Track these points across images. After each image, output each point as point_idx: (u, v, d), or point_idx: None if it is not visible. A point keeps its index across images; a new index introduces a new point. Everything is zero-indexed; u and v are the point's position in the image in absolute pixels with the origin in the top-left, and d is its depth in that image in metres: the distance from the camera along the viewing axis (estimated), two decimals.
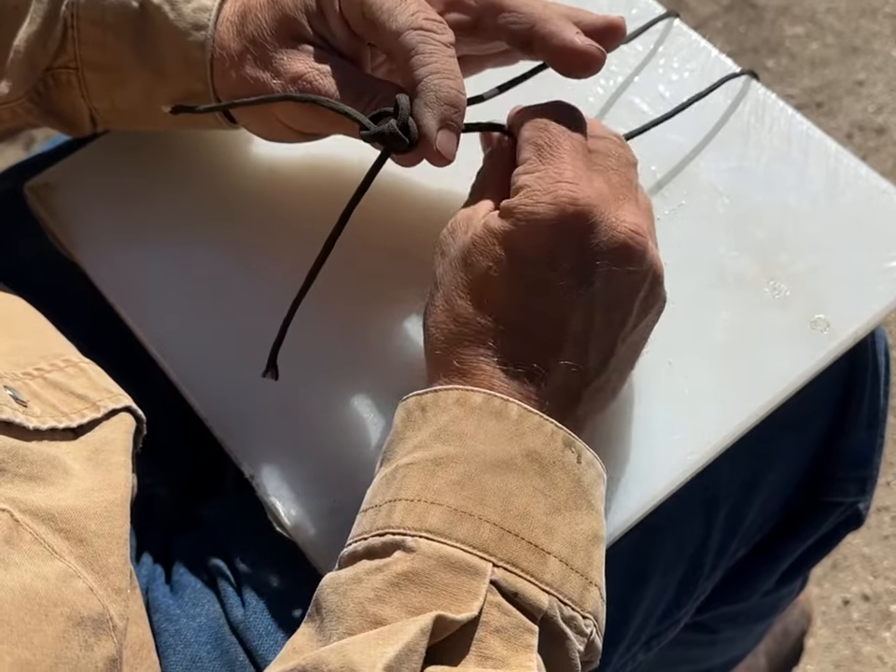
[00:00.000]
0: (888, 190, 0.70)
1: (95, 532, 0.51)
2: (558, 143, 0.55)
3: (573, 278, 0.52)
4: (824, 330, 0.65)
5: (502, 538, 0.48)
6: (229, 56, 0.62)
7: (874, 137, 1.75)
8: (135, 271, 0.71)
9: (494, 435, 0.50)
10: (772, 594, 0.90)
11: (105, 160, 0.74)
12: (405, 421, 0.53)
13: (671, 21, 0.78)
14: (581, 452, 0.52)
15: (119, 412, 0.59)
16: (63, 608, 0.46)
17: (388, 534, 0.49)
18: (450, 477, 0.49)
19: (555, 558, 0.49)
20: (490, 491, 0.49)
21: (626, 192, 0.55)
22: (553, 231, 0.52)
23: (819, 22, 1.87)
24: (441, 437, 0.51)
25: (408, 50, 0.55)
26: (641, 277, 0.54)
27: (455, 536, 0.48)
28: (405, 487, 0.50)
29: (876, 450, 0.78)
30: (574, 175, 0.53)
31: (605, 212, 0.53)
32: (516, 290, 0.53)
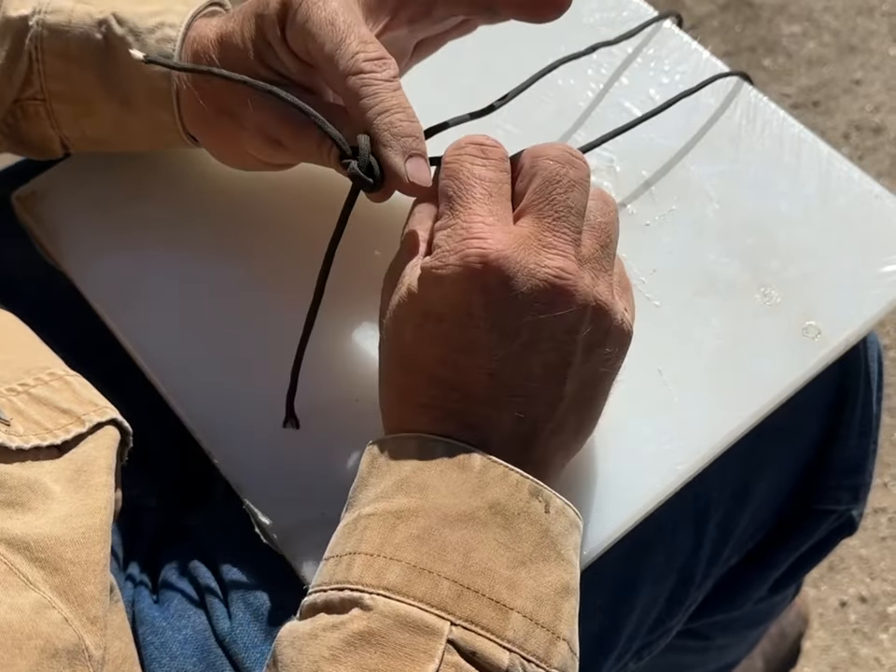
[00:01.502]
0: (880, 195, 0.69)
1: (71, 560, 0.50)
2: (468, 191, 0.52)
3: (496, 333, 0.50)
4: (816, 337, 0.65)
5: (461, 595, 0.47)
6: (191, 95, 0.62)
7: (871, 136, 1.75)
8: (122, 280, 0.70)
9: (456, 487, 0.49)
10: (765, 601, 0.90)
11: (93, 169, 0.73)
12: (369, 467, 0.53)
13: (660, 24, 0.77)
14: (550, 500, 0.50)
15: (105, 425, 0.58)
16: (36, 640, 0.45)
17: (347, 589, 0.48)
18: (410, 531, 0.48)
19: (518, 613, 0.47)
20: (450, 546, 0.48)
21: (557, 224, 0.51)
22: (465, 290, 0.50)
23: (815, 21, 1.87)
24: (403, 488, 0.50)
25: (353, 95, 0.55)
26: (577, 317, 0.51)
27: (413, 593, 0.47)
28: (365, 540, 0.49)
29: (869, 457, 0.78)
30: (482, 228, 0.50)
31: (521, 261, 0.50)
32: (444, 350, 0.51)
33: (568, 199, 0.52)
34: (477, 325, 0.50)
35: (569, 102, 0.74)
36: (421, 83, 0.62)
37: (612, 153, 0.72)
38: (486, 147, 0.53)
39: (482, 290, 0.50)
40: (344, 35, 0.55)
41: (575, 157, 0.53)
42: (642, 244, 0.68)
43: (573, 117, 0.74)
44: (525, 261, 0.50)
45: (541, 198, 0.52)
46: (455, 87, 0.73)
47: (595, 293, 0.51)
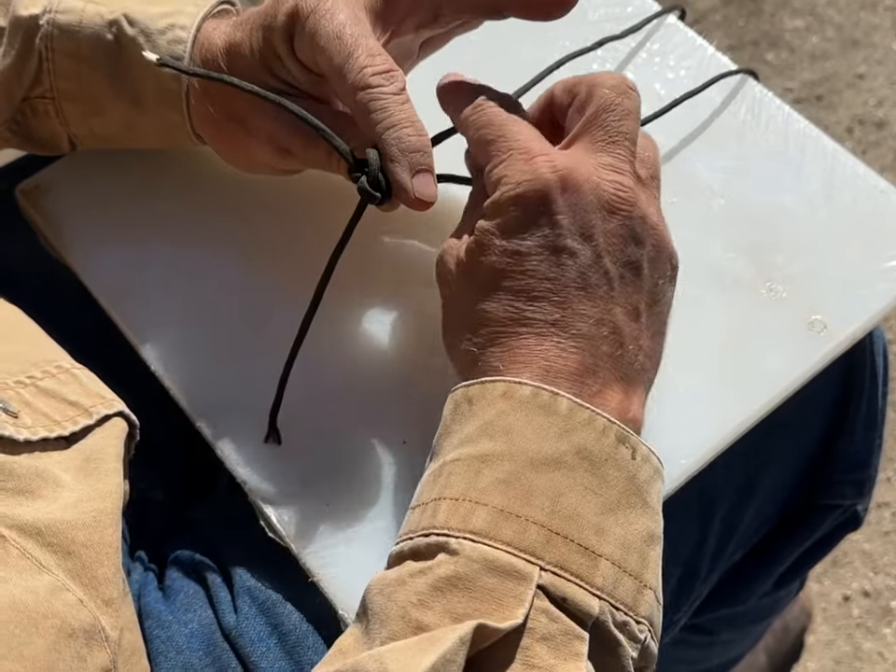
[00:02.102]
0: (886, 190, 0.69)
1: (83, 543, 0.50)
2: (508, 129, 0.54)
3: (578, 238, 0.52)
4: (821, 332, 0.65)
5: (550, 540, 0.47)
6: (200, 98, 0.62)
7: (874, 131, 1.75)
8: (127, 274, 0.70)
9: (542, 431, 0.49)
10: (769, 596, 0.90)
11: (97, 162, 0.73)
12: (452, 414, 0.53)
13: (665, 20, 0.77)
14: (637, 446, 0.50)
15: (112, 417, 0.58)
16: (53, 620, 0.46)
17: (433, 534, 0.48)
18: (496, 475, 0.48)
19: (607, 561, 0.47)
20: (538, 490, 0.48)
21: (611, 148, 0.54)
22: (544, 202, 0.52)
23: (819, 15, 1.87)
24: (488, 432, 0.50)
25: (362, 110, 0.56)
26: (639, 228, 0.53)
27: (501, 538, 0.47)
28: (450, 485, 0.49)
29: (874, 452, 0.78)
30: (541, 146, 0.53)
31: (584, 172, 0.52)
32: (529, 271, 0.52)
33: (622, 125, 0.54)
34: (560, 232, 0.52)
35: None
36: (423, 82, 0.62)
37: None
38: (504, 98, 0.57)
39: (558, 199, 0.52)
40: (352, 48, 0.55)
41: (630, 87, 0.56)
42: None
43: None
44: (589, 175, 0.52)
45: (596, 124, 0.54)
46: None
47: (649, 211, 0.54)
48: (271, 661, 0.60)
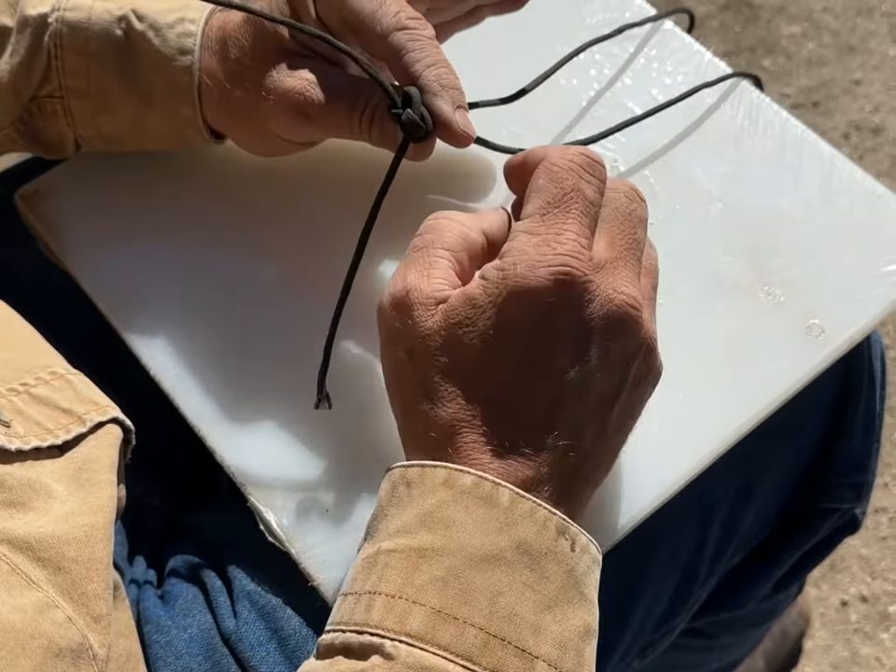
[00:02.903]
0: (883, 195, 0.70)
1: (74, 559, 0.50)
2: (569, 204, 0.51)
3: (569, 354, 0.49)
4: (819, 336, 0.65)
5: (487, 643, 0.45)
6: (216, 81, 0.63)
7: (870, 137, 1.75)
8: (126, 279, 0.70)
9: (483, 524, 0.47)
10: (768, 599, 0.90)
11: (97, 167, 0.73)
12: (389, 496, 0.51)
13: (662, 24, 0.77)
14: (576, 538, 0.49)
15: (106, 424, 0.58)
16: (40, 640, 0.45)
17: (366, 633, 0.46)
18: (434, 572, 0.47)
19: (543, 662, 0.46)
20: (476, 589, 0.46)
21: (627, 256, 0.52)
22: (549, 304, 0.49)
23: (815, 22, 1.87)
24: (427, 523, 0.48)
25: (398, 50, 0.57)
26: (635, 350, 0.51)
27: (438, 642, 0.45)
28: (386, 579, 0.47)
29: (872, 455, 0.78)
30: (577, 247, 0.49)
31: (602, 284, 0.50)
32: (507, 367, 0.50)
33: (635, 233, 0.53)
34: (552, 342, 0.49)
35: (573, 102, 0.74)
36: None
37: (616, 153, 0.72)
38: (597, 166, 0.53)
39: (564, 307, 0.49)
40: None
41: (640, 197, 0.54)
42: None
43: (576, 117, 0.74)
44: (606, 284, 0.50)
45: (615, 227, 0.52)
46: None
47: (652, 329, 0.52)
48: (270, 665, 0.60)
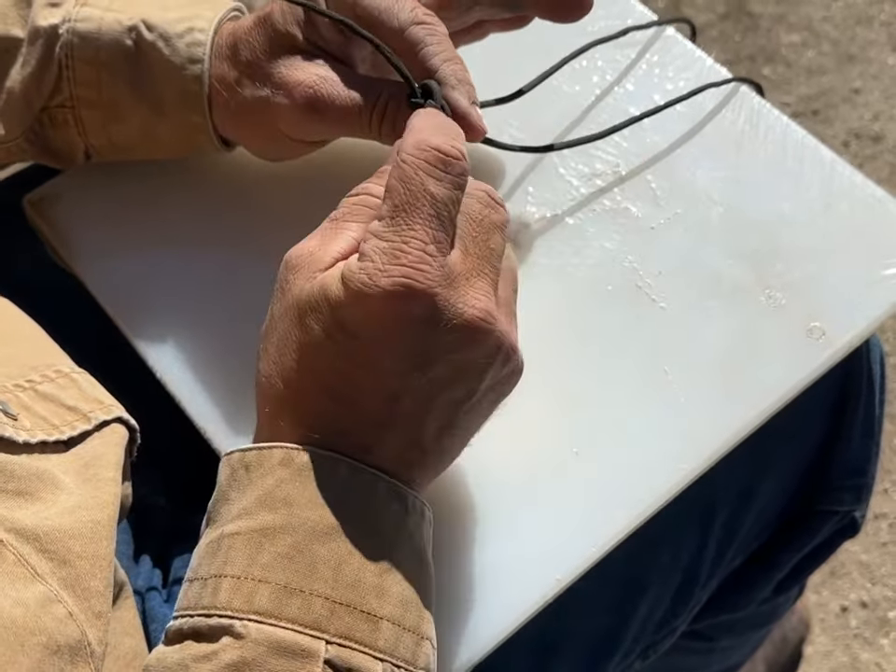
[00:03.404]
0: (883, 199, 0.70)
1: (79, 554, 0.50)
2: (415, 207, 0.48)
3: (409, 363, 0.49)
4: (820, 338, 0.65)
5: (334, 611, 0.47)
6: (226, 86, 0.63)
7: (870, 145, 1.76)
8: (133, 282, 0.71)
9: (321, 498, 0.49)
10: (769, 602, 0.90)
11: (104, 173, 0.74)
12: (229, 480, 0.51)
13: (664, 31, 0.78)
14: (410, 502, 0.51)
15: (111, 423, 0.59)
16: (40, 636, 0.45)
17: (215, 616, 0.47)
18: (277, 550, 0.48)
19: (388, 622, 0.48)
20: (320, 561, 0.47)
21: (482, 266, 0.50)
22: (389, 317, 0.48)
23: (815, 31, 1.88)
24: (267, 503, 0.49)
25: (416, 44, 0.58)
26: (488, 361, 0.50)
27: (286, 615, 0.46)
28: (231, 561, 0.48)
29: (872, 458, 0.78)
30: (422, 256, 0.48)
31: (451, 297, 0.48)
32: (348, 366, 0.49)
33: (490, 241, 0.51)
34: (392, 352, 0.49)
35: (575, 107, 0.75)
36: None
37: (618, 157, 0.72)
38: (450, 162, 0.49)
39: (405, 321, 0.48)
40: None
41: (497, 202, 0.53)
42: (647, 246, 0.69)
43: (578, 122, 0.74)
44: (455, 299, 0.48)
45: (468, 235, 0.50)
46: None
47: (509, 338, 0.51)
48: None
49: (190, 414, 0.66)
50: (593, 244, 0.69)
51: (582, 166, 0.72)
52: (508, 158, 0.72)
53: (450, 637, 0.58)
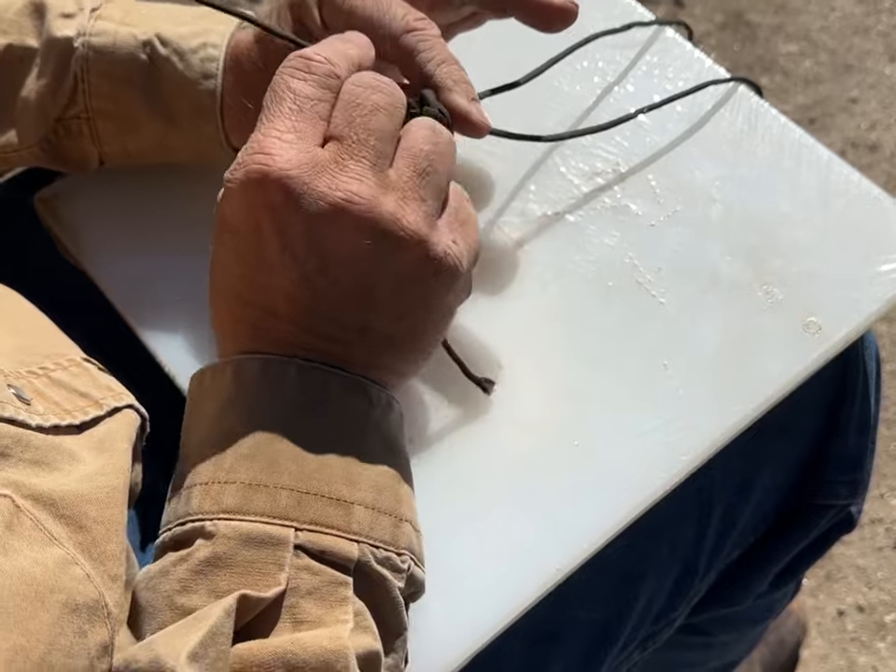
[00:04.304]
0: (879, 197, 0.71)
1: (95, 518, 0.51)
2: (277, 104, 0.51)
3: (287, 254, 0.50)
4: (816, 333, 0.66)
5: (301, 500, 0.48)
6: (236, 100, 0.65)
7: (867, 154, 1.77)
8: (142, 279, 0.72)
9: (277, 401, 0.51)
10: (766, 596, 0.91)
11: (113, 171, 0.74)
12: (194, 400, 0.54)
13: (664, 32, 0.79)
14: (373, 394, 0.52)
15: (122, 409, 0.60)
16: (59, 594, 0.46)
17: (188, 522, 0.49)
18: (240, 451, 0.50)
19: (360, 506, 0.49)
20: (282, 457, 0.49)
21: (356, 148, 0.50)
22: (250, 206, 0.49)
23: (812, 40, 1.89)
24: (227, 412, 0.51)
25: (410, 52, 0.59)
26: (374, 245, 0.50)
27: (253, 510, 0.48)
28: (197, 472, 0.51)
29: (867, 454, 0.79)
30: (274, 143, 0.49)
31: (310, 182, 0.49)
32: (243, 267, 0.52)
33: (370, 122, 0.51)
34: (266, 243, 0.50)
35: (576, 107, 0.76)
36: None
37: (618, 156, 0.73)
38: (312, 63, 0.52)
39: (267, 208, 0.49)
40: (389, 2, 0.59)
41: (381, 82, 0.53)
42: (647, 243, 0.70)
43: (579, 122, 0.76)
44: (316, 183, 0.49)
45: (343, 121, 0.51)
46: None
47: (401, 222, 0.50)
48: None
49: None
50: (593, 241, 0.70)
51: (583, 165, 0.73)
52: (510, 157, 0.73)
53: (449, 626, 0.59)
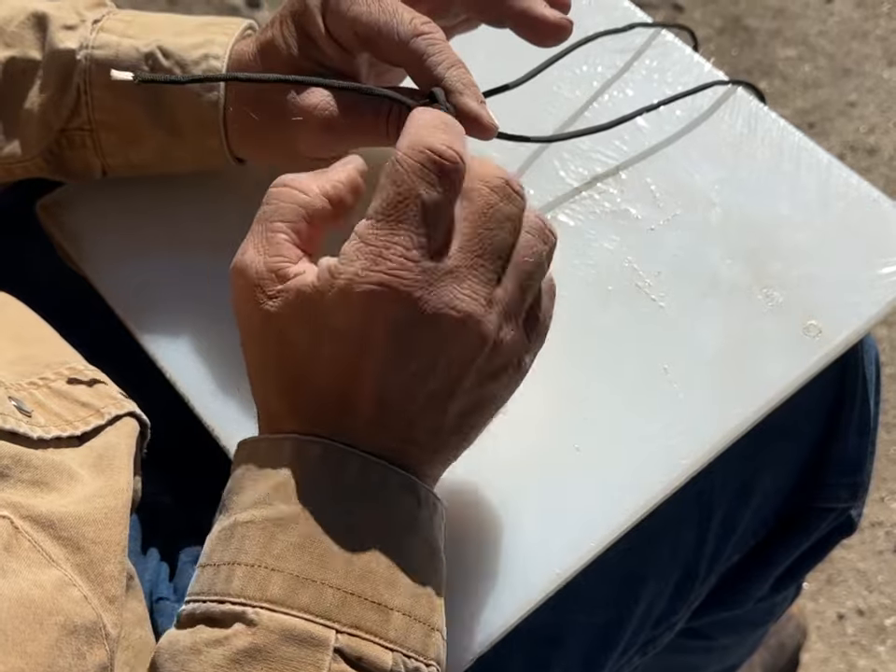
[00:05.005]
0: (878, 200, 0.71)
1: (93, 539, 0.51)
2: (403, 210, 0.48)
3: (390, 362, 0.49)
4: (816, 336, 0.66)
5: (345, 601, 0.47)
6: (240, 111, 0.64)
7: (865, 158, 1.77)
8: (144, 285, 0.72)
9: (333, 491, 0.50)
10: (766, 600, 0.91)
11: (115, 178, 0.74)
12: (243, 470, 0.52)
13: (663, 36, 0.79)
14: (422, 495, 0.51)
15: (123, 417, 0.60)
16: (57, 616, 0.46)
17: (228, 602, 0.48)
18: (290, 540, 0.48)
19: (398, 612, 0.48)
20: (332, 552, 0.48)
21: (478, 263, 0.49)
22: (369, 317, 0.48)
23: (811, 45, 1.90)
24: (280, 493, 0.49)
25: (420, 56, 0.59)
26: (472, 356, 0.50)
27: (298, 604, 0.47)
28: (244, 550, 0.49)
29: (867, 457, 0.79)
30: (403, 262, 0.48)
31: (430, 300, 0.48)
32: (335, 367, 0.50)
33: (496, 236, 0.50)
34: (373, 351, 0.49)
35: (575, 112, 0.76)
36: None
37: (617, 160, 0.73)
38: (443, 165, 0.49)
39: (385, 321, 0.48)
40: (394, 7, 0.59)
41: (514, 190, 0.51)
42: (647, 247, 0.70)
43: (578, 127, 0.75)
44: (435, 302, 0.48)
45: (470, 230, 0.50)
46: None
47: (498, 335, 0.50)
48: None
49: (199, 413, 0.67)
50: (593, 244, 0.70)
51: (583, 169, 0.73)
52: (509, 161, 0.73)
53: (451, 630, 0.58)
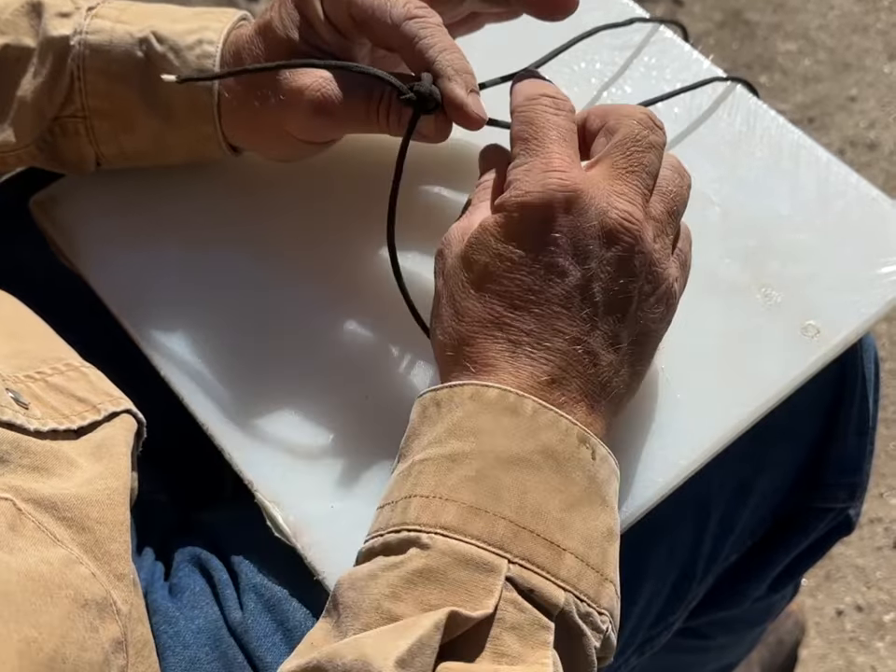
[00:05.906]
0: (878, 198, 0.71)
1: (97, 520, 0.51)
2: (545, 134, 0.55)
3: (570, 258, 0.53)
4: (815, 336, 0.66)
5: (517, 534, 0.48)
6: (234, 95, 0.64)
7: (865, 153, 1.77)
8: (137, 282, 0.71)
9: (509, 431, 0.51)
10: (764, 599, 0.91)
11: (109, 174, 0.74)
12: (420, 416, 0.54)
13: (662, 33, 0.79)
14: (596, 448, 0.52)
15: (119, 414, 0.60)
16: (67, 590, 0.47)
17: (404, 530, 0.49)
18: (465, 473, 0.50)
19: (571, 554, 0.49)
20: (505, 487, 0.49)
21: (628, 176, 0.55)
22: (546, 217, 0.53)
23: (811, 39, 1.89)
24: (456, 433, 0.51)
25: (411, 38, 0.59)
26: (636, 262, 0.54)
27: (470, 532, 0.48)
28: (420, 484, 0.50)
29: (866, 457, 0.79)
30: (562, 162, 0.54)
31: (595, 196, 0.53)
32: (516, 280, 0.53)
33: (644, 157, 0.56)
34: (554, 250, 0.53)
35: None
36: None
37: None
38: (559, 100, 0.57)
39: (560, 217, 0.53)
40: None
41: (657, 124, 0.57)
42: None
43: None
44: (599, 199, 0.53)
45: (619, 151, 0.55)
46: None
47: (653, 248, 0.54)
48: (276, 656, 0.61)
49: (192, 410, 0.67)
50: None
51: None
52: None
53: None
